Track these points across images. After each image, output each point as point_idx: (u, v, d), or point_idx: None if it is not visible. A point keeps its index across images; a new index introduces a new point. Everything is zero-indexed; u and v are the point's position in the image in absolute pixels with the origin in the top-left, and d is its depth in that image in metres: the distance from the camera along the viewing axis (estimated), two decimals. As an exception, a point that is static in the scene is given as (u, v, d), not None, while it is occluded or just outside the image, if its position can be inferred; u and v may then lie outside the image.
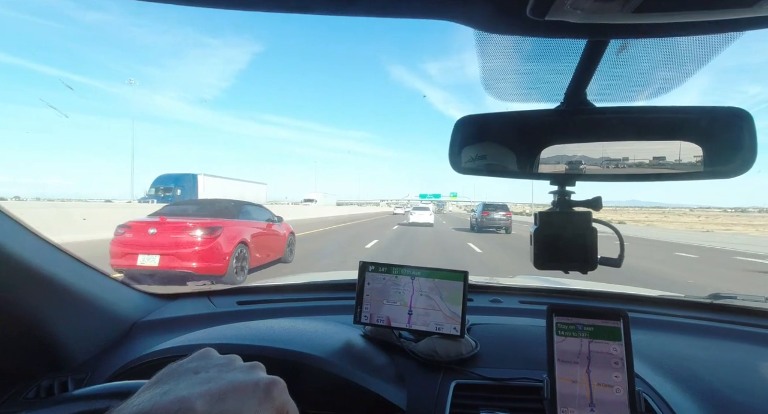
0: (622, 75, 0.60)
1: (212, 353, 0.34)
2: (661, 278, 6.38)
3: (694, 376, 0.76)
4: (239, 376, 0.30)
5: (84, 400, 0.40)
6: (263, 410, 0.28)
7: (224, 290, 1.22)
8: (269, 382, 0.30)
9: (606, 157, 0.58)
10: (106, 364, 0.81)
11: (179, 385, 0.28)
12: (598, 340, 0.60)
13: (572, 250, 0.60)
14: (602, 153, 0.58)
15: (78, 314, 0.81)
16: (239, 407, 0.27)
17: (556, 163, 0.60)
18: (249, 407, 0.27)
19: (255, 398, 0.28)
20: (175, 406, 0.25)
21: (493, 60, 0.57)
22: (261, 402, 0.28)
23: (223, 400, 0.27)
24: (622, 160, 0.57)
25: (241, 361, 0.33)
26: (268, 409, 0.28)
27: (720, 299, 1.14)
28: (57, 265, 0.77)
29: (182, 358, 0.32)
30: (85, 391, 0.41)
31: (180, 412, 0.25)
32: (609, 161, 0.58)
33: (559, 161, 0.60)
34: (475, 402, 0.69)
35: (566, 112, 0.58)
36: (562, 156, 0.60)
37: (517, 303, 1.17)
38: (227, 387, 0.28)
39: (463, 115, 0.60)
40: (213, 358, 0.33)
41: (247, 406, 0.27)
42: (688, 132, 0.55)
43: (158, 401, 0.26)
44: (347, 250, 9.26)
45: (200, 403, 0.26)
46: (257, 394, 0.29)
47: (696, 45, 0.49)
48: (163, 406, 0.25)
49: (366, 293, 0.84)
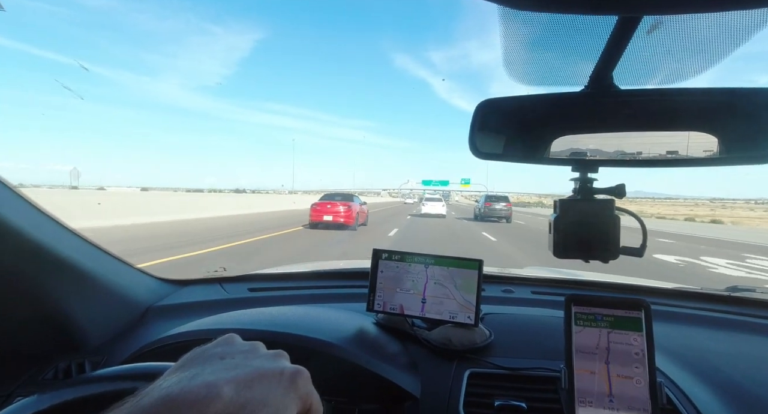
0: (650, 58, 0.58)
1: (237, 339, 0.33)
2: None
3: (714, 369, 0.74)
4: (265, 363, 0.30)
5: (109, 380, 0.40)
6: (288, 399, 0.28)
7: (236, 277, 1.23)
8: (294, 372, 0.30)
9: (630, 141, 0.56)
10: (121, 347, 0.82)
11: (206, 369, 0.28)
12: (618, 330, 0.58)
13: (594, 238, 0.59)
14: (626, 137, 0.56)
15: (94, 298, 0.82)
16: (265, 395, 0.27)
17: (578, 148, 0.58)
18: (275, 395, 0.27)
19: (280, 387, 0.28)
20: (203, 391, 0.25)
21: (516, 40, 0.54)
22: (286, 391, 0.28)
23: (250, 387, 0.27)
24: (646, 144, 0.55)
25: (265, 348, 0.33)
26: (293, 398, 0.28)
27: (738, 292, 1.11)
28: (74, 249, 0.77)
29: (206, 343, 0.32)
30: (109, 372, 0.41)
31: (208, 397, 0.25)
32: (632, 146, 0.56)
33: (581, 147, 0.58)
34: (489, 391, 0.68)
35: (591, 95, 0.55)
36: (585, 141, 0.58)
37: (530, 293, 1.16)
38: (254, 374, 0.28)
39: (483, 99, 0.58)
40: (237, 344, 0.32)
41: (273, 394, 0.27)
42: (718, 115, 0.53)
43: (186, 385, 0.25)
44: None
45: (228, 389, 0.25)
46: (283, 383, 0.28)
47: (731, 23, 0.46)
48: (191, 390, 0.25)
49: (379, 281, 0.84)
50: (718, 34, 0.49)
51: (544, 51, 0.57)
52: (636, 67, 0.58)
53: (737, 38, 0.49)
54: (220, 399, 0.25)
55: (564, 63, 0.59)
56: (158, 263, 5.66)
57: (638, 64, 0.57)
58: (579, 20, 0.50)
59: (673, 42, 0.53)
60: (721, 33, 0.49)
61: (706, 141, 0.55)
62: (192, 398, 0.24)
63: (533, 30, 0.52)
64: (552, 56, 0.59)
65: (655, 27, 0.49)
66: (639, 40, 0.52)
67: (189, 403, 0.24)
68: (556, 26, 0.51)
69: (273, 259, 6.46)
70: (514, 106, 0.59)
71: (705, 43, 0.52)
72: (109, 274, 0.86)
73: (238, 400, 0.25)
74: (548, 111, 0.59)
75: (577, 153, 0.60)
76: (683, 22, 0.49)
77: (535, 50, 0.57)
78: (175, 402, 0.24)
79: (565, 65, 0.59)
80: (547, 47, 0.57)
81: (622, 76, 0.58)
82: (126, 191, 16.61)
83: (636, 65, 0.57)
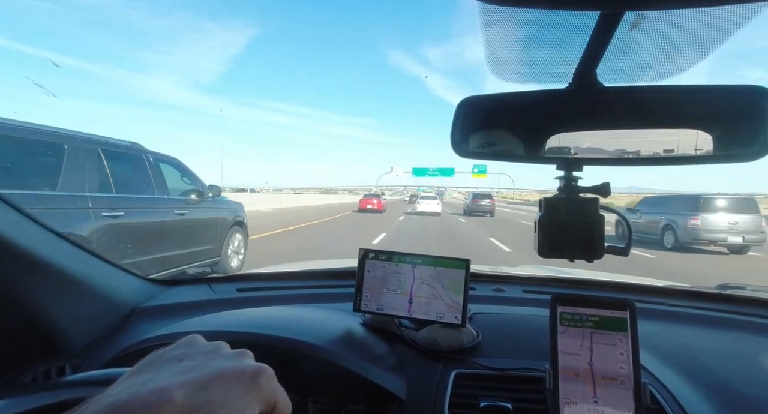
0: (634, 54, 0.57)
1: (198, 340, 0.32)
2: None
3: (702, 368, 0.74)
4: (225, 363, 0.28)
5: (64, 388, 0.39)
6: (249, 399, 0.27)
7: (224, 277, 1.22)
8: (256, 370, 0.29)
9: (615, 139, 0.55)
10: (104, 349, 0.81)
11: (160, 373, 0.27)
12: (603, 330, 0.58)
13: (578, 237, 0.58)
14: (611, 135, 0.55)
15: (76, 299, 0.80)
16: (223, 396, 0.26)
17: (562, 146, 0.57)
18: (234, 396, 0.26)
19: (241, 386, 0.27)
20: (153, 397, 0.24)
21: (499, 37, 0.54)
22: (247, 390, 0.27)
23: (206, 389, 0.26)
24: (633, 142, 0.54)
25: (229, 348, 0.32)
26: (255, 397, 0.27)
27: (728, 290, 1.11)
28: (54, 250, 0.76)
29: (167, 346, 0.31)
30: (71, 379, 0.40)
31: (158, 402, 0.24)
32: (618, 144, 0.55)
33: (566, 144, 0.57)
34: (475, 391, 0.68)
35: (575, 93, 0.55)
36: (570, 139, 0.57)
37: (521, 292, 1.15)
38: (211, 375, 0.27)
39: (465, 96, 0.57)
40: (199, 345, 0.31)
41: (231, 395, 0.26)
42: (705, 112, 0.52)
43: (135, 391, 0.24)
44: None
45: (180, 393, 0.24)
46: (243, 383, 0.27)
47: (715, 18, 0.46)
48: (141, 397, 0.24)
49: (366, 281, 0.83)
50: (700, 30, 0.49)
51: (527, 48, 0.56)
52: (620, 64, 0.57)
53: (720, 35, 0.49)
54: (171, 404, 0.24)
55: (548, 60, 0.58)
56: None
57: (622, 61, 0.57)
58: (561, 16, 0.49)
59: (656, 38, 0.52)
60: (704, 29, 0.48)
61: (691, 138, 0.54)
62: (140, 405, 0.23)
63: (515, 26, 0.51)
64: (535, 53, 0.58)
65: (637, 23, 0.49)
66: (622, 37, 0.51)
67: (137, 411, 0.23)
68: (538, 22, 0.50)
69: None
70: (496, 104, 0.59)
71: (688, 40, 0.51)
72: (92, 275, 0.84)
73: (191, 403, 0.24)
74: (532, 108, 0.59)
75: (561, 151, 0.59)
76: (665, 19, 0.48)
77: (517, 47, 0.56)
78: (121, 410, 0.23)
79: (549, 62, 0.58)
80: (530, 44, 0.56)
81: (606, 74, 0.58)
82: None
83: (620, 62, 0.57)
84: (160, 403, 0.23)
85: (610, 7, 0.44)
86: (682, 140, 0.54)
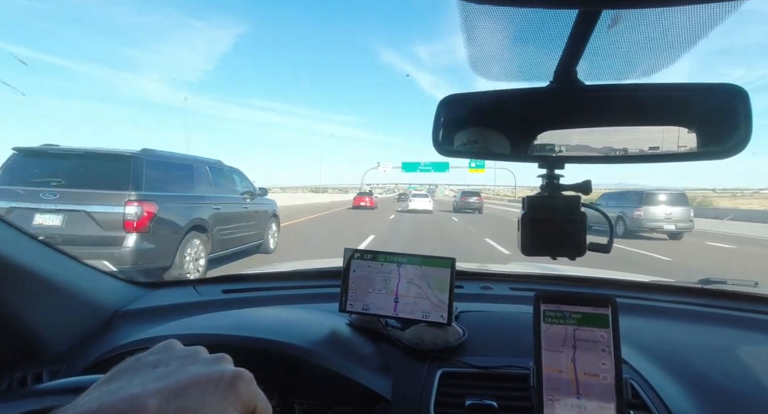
0: (613, 53, 0.57)
1: (175, 345, 0.31)
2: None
3: (683, 362, 0.75)
4: (201, 369, 0.28)
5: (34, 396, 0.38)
6: (227, 405, 0.26)
7: (209, 279, 1.20)
8: (234, 375, 0.28)
9: (597, 137, 0.55)
10: (84, 354, 0.79)
11: (134, 381, 0.26)
12: (585, 327, 0.58)
13: (561, 235, 0.58)
14: (593, 134, 0.56)
15: (53, 303, 0.78)
16: (199, 403, 0.25)
17: (544, 144, 0.58)
18: (210, 403, 0.25)
19: (218, 393, 0.26)
20: (125, 406, 0.23)
21: (480, 35, 0.53)
22: (224, 396, 0.26)
23: (181, 396, 0.25)
24: (614, 140, 0.55)
25: (207, 352, 0.31)
26: (232, 403, 0.26)
27: (710, 284, 1.13)
28: (29, 253, 0.74)
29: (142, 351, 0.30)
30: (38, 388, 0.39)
31: (131, 411, 0.23)
32: (600, 142, 0.55)
33: (547, 142, 0.58)
34: (461, 390, 0.68)
35: (556, 91, 0.55)
36: (551, 137, 0.58)
37: (508, 290, 1.16)
38: (187, 382, 0.26)
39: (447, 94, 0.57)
40: (175, 350, 0.30)
41: (208, 402, 0.25)
42: (682, 110, 0.53)
43: (106, 400, 0.23)
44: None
45: (154, 402, 0.24)
46: (220, 388, 0.26)
47: (692, 17, 0.46)
48: (112, 405, 0.23)
49: (352, 281, 0.82)
50: (678, 28, 0.49)
51: (508, 46, 0.56)
52: (600, 63, 0.57)
53: (697, 32, 0.49)
54: (144, 412, 0.23)
55: (529, 58, 0.58)
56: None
57: (602, 60, 0.57)
58: (541, 15, 0.49)
59: (635, 37, 0.53)
60: (681, 27, 0.49)
61: (672, 136, 0.55)
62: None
63: (496, 24, 0.51)
64: (517, 51, 0.58)
65: (615, 21, 0.49)
66: (601, 36, 0.52)
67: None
68: (518, 20, 0.50)
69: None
70: (478, 102, 0.58)
71: (667, 38, 0.52)
72: (70, 278, 0.82)
73: (166, 411, 0.24)
74: (513, 106, 0.59)
75: (543, 149, 0.59)
76: (643, 17, 0.48)
77: (499, 45, 0.56)
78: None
79: (531, 61, 0.58)
80: (512, 42, 0.56)
81: (587, 72, 0.58)
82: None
83: (600, 61, 0.57)
84: (132, 411, 0.23)
85: (588, 6, 0.44)
86: (662, 138, 0.54)
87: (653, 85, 0.53)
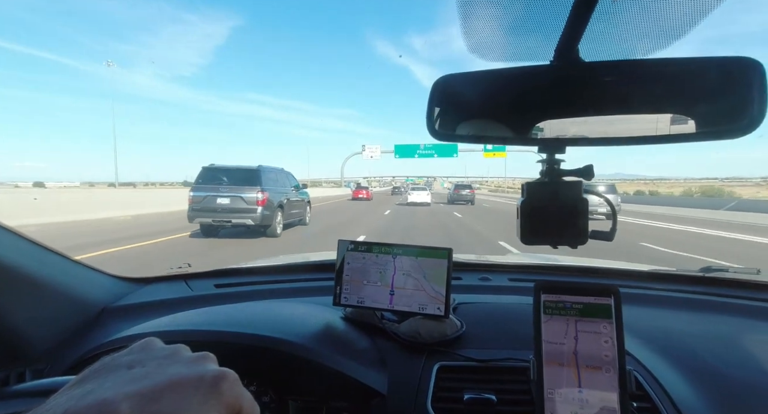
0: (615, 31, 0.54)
1: (155, 344, 0.29)
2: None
3: (686, 351, 0.74)
4: (181, 369, 0.26)
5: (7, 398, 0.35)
6: (209, 408, 0.24)
7: (201, 273, 1.17)
8: (216, 376, 0.26)
9: (600, 119, 0.52)
10: (70, 352, 0.76)
11: (106, 383, 0.24)
12: (588, 318, 0.56)
13: (562, 223, 0.56)
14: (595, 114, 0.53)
15: (37, 300, 0.75)
16: (178, 407, 0.23)
17: (544, 127, 0.55)
18: (190, 405, 0.23)
19: (198, 395, 0.24)
20: (93, 411, 0.21)
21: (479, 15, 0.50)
22: (205, 399, 0.24)
23: (157, 400, 0.23)
24: (619, 121, 0.52)
25: (188, 351, 0.29)
26: (215, 405, 0.24)
27: (712, 272, 1.11)
28: (11, 249, 0.71)
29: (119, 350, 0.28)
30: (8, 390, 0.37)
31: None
32: (602, 123, 0.52)
33: (548, 125, 0.55)
34: (459, 384, 0.66)
35: (557, 69, 0.52)
36: (552, 120, 0.55)
37: (507, 280, 1.14)
38: (164, 384, 0.24)
39: (441, 75, 0.54)
40: (154, 349, 0.28)
41: (186, 405, 0.23)
42: (689, 86, 0.50)
43: (74, 405, 0.21)
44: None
45: (126, 406, 0.22)
46: (201, 390, 0.24)
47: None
48: (78, 411, 0.21)
49: (345, 273, 0.80)
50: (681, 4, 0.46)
51: (508, 27, 0.53)
52: (602, 40, 0.54)
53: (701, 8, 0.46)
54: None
55: (530, 38, 0.55)
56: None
57: (604, 37, 0.54)
58: None
59: (637, 14, 0.50)
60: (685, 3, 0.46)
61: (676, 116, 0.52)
62: None
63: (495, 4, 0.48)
64: (517, 31, 0.55)
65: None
66: (604, 12, 0.49)
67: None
68: None
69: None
70: (474, 83, 0.55)
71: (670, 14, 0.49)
72: (54, 274, 0.80)
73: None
74: (512, 86, 0.55)
75: (543, 132, 0.56)
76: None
77: (499, 26, 0.53)
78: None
79: (531, 40, 0.55)
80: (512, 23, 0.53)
81: (589, 51, 0.55)
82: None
83: (602, 38, 0.54)
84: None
85: None
86: (670, 117, 0.52)
87: (660, 60, 0.50)
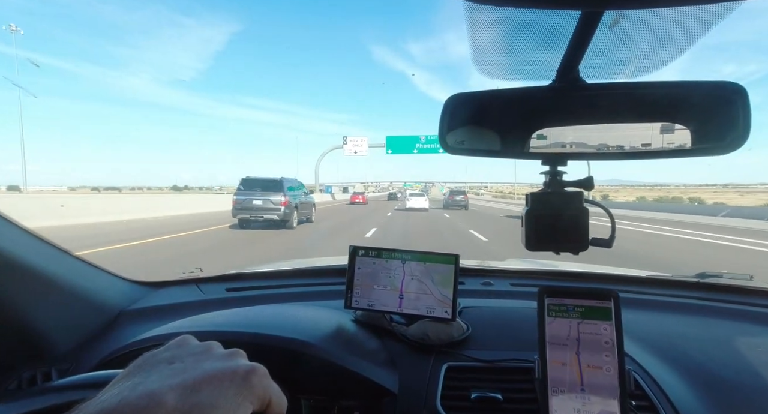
0: (614, 51, 0.58)
1: (190, 341, 0.32)
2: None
3: (683, 354, 0.77)
4: (216, 364, 0.28)
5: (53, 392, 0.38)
6: (242, 399, 0.27)
7: (213, 278, 1.20)
8: (248, 370, 0.29)
9: (599, 135, 0.57)
10: (91, 353, 0.79)
11: (150, 377, 0.26)
12: (589, 320, 0.60)
13: (565, 230, 0.59)
14: (594, 131, 0.57)
15: (59, 303, 0.79)
16: (215, 398, 0.26)
17: (547, 142, 0.59)
18: (226, 397, 0.26)
19: (233, 387, 0.27)
20: (143, 402, 0.24)
21: (483, 34, 0.54)
22: (239, 391, 0.27)
23: (197, 391, 0.25)
24: (616, 138, 0.56)
25: (221, 348, 0.32)
26: (247, 397, 0.27)
27: (706, 278, 1.15)
28: (36, 253, 0.74)
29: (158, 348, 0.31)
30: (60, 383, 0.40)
31: (149, 407, 0.23)
32: (601, 139, 0.56)
33: (550, 140, 0.59)
34: (466, 384, 0.69)
35: (558, 89, 0.56)
36: (554, 135, 0.58)
37: (509, 285, 1.17)
38: (202, 377, 0.27)
39: (452, 94, 0.58)
40: (190, 346, 0.31)
41: (223, 396, 0.26)
42: (681, 107, 0.54)
43: (126, 396, 0.24)
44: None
45: (171, 397, 0.24)
46: (235, 383, 0.27)
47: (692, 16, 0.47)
48: (130, 402, 0.24)
49: (356, 278, 0.83)
50: (678, 27, 0.50)
51: (511, 45, 0.57)
52: (601, 61, 0.58)
53: (697, 31, 0.50)
54: (162, 408, 0.24)
55: (532, 57, 0.59)
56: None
57: (603, 58, 0.58)
58: (544, 14, 0.50)
59: (635, 36, 0.54)
60: (681, 26, 0.50)
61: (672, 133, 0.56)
62: (130, 411, 0.23)
63: (499, 23, 0.52)
64: (519, 50, 0.59)
65: (617, 21, 0.50)
66: (603, 35, 0.53)
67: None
68: (522, 20, 0.51)
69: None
70: (482, 100, 0.59)
71: (667, 37, 0.53)
72: (76, 279, 0.83)
73: (183, 406, 0.24)
74: (517, 105, 0.60)
75: (546, 146, 0.60)
76: (644, 16, 0.49)
77: (502, 44, 0.56)
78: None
79: (533, 59, 0.59)
80: (515, 41, 0.57)
81: (588, 70, 0.59)
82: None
83: (601, 59, 0.58)
84: (150, 407, 0.23)
85: (591, 6, 0.45)
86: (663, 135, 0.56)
87: (655, 83, 0.54)
